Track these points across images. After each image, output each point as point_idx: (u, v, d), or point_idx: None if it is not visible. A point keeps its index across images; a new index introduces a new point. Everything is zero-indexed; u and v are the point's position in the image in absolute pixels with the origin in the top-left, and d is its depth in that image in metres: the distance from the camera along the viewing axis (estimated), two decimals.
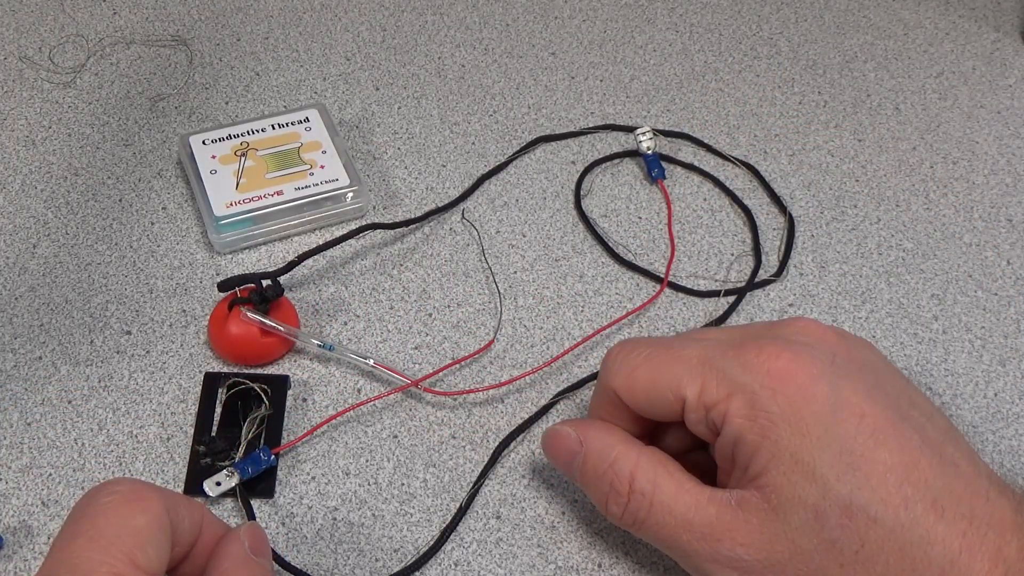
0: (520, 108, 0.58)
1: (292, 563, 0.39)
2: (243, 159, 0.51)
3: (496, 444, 0.43)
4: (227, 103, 0.57)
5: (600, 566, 0.40)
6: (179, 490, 0.41)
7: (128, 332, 0.47)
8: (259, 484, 0.41)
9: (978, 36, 0.65)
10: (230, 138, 0.52)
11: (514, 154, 0.55)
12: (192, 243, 0.50)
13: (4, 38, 0.60)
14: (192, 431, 0.43)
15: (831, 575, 0.33)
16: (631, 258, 0.51)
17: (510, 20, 0.64)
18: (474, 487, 0.42)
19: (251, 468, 0.41)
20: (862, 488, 0.32)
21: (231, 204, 0.49)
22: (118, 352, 0.46)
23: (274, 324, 0.44)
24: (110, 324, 0.47)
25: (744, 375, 0.34)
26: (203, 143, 0.52)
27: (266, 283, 0.45)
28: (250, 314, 0.44)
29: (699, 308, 0.49)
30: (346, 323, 0.48)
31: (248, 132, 0.52)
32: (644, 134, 0.55)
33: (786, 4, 0.66)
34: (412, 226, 0.51)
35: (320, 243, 0.48)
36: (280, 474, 0.42)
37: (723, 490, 0.35)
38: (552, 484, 0.42)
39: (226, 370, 0.45)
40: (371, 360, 0.45)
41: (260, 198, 0.50)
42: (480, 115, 0.58)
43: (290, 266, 0.47)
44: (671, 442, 0.39)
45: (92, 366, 0.45)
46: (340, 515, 0.41)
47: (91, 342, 0.46)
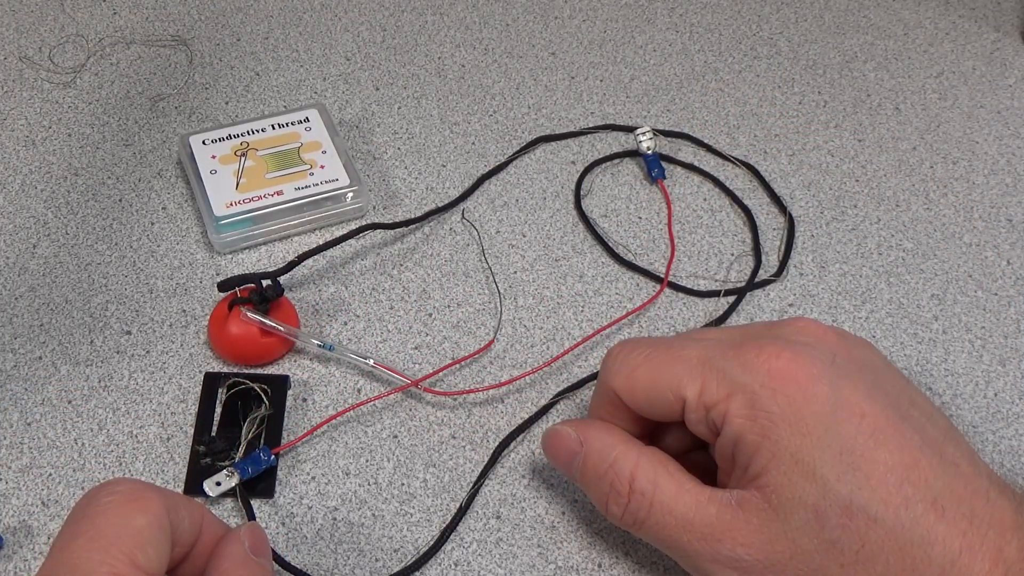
0: (520, 108, 0.58)
1: (292, 563, 0.39)
2: (243, 159, 0.51)
3: (496, 444, 0.43)
4: (227, 103, 0.57)
5: (600, 566, 0.40)
6: (179, 490, 0.41)
7: (128, 332, 0.47)
8: (259, 484, 0.41)
9: (978, 36, 0.65)
10: (230, 138, 0.52)
11: (514, 154, 0.55)
12: (192, 243, 0.50)
13: (4, 38, 0.60)
14: (192, 431, 0.43)
15: (831, 575, 0.33)
16: (631, 258, 0.51)
17: (510, 20, 0.64)
18: (474, 487, 0.42)
19: (251, 468, 0.41)
20: (862, 488, 0.32)
21: (231, 204, 0.49)
22: (118, 352, 0.46)
23: (274, 324, 0.44)
24: (110, 324, 0.47)
25: (744, 375, 0.34)
26: (203, 143, 0.52)
27: (266, 283, 0.45)
28: (250, 314, 0.44)
29: (699, 308, 0.49)
30: (346, 323, 0.48)
31: (248, 132, 0.52)
32: (644, 134, 0.55)
33: (786, 4, 0.66)
34: (412, 226, 0.51)
35: (320, 243, 0.48)
36: (280, 474, 0.42)
37: (723, 490, 0.35)
38: (552, 484, 0.42)
39: (226, 370, 0.45)
40: (371, 360, 0.45)
41: (260, 198, 0.50)
42: (480, 115, 0.58)
43: (290, 266, 0.47)
44: (671, 442, 0.39)
45: (92, 366, 0.45)
46: (340, 515, 0.41)
47: (91, 342, 0.46)
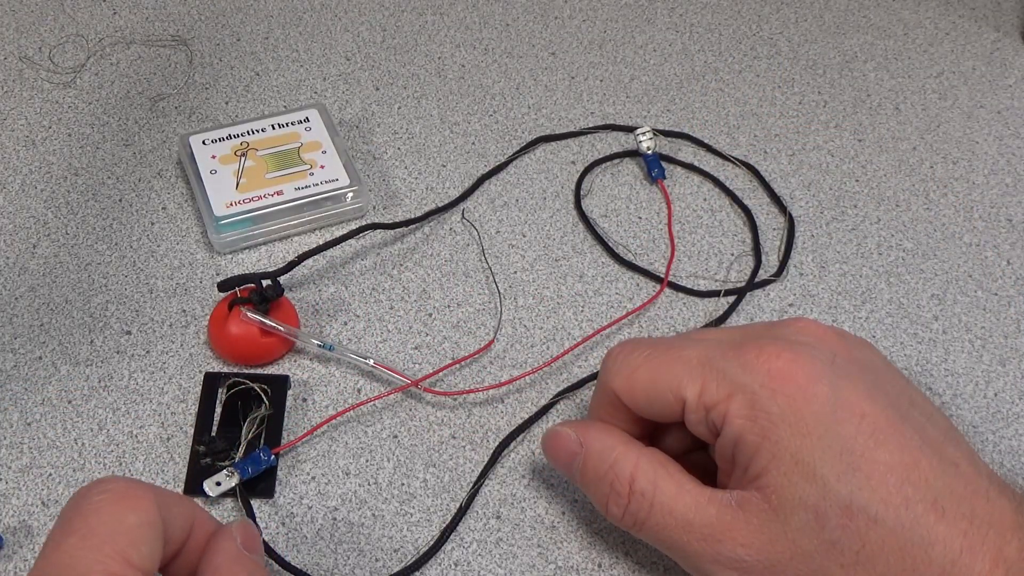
0: (520, 108, 0.58)
1: (292, 563, 0.39)
2: (243, 159, 0.51)
3: (496, 444, 0.43)
4: (227, 103, 0.57)
5: (600, 566, 0.40)
6: (179, 490, 0.41)
7: (128, 332, 0.47)
8: (259, 484, 0.41)
9: (978, 36, 0.65)
10: (230, 138, 0.52)
11: (514, 154, 0.55)
12: (192, 243, 0.50)
13: (4, 38, 0.60)
14: (192, 431, 0.43)
15: (832, 575, 0.33)
16: (631, 258, 0.51)
17: (510, 20, 0.64)
18: (474, 487, 0.42)
19: (251, 468, 0.41)
20: (862, 488, 0.32)
21: (231, 204, 0.49)
22: (118, 352, 0.46)
23: (274, 324, 0.44)
24: (110, 324, 0.47)
25: (744, 375, 0.34)
26: (203, 143, 0.52)
27: (266, 283, 0.45)
28: (250, 314, 0.44)
29: (699, 308, 0.49)
30: (346, 323, 0.48)
31: (248, 132, 0.52)
32: (644, 134, 0.55)
33: (786, 4, 0.66)
34: (412, 226, 0.51)
35: (320, 243, 0.48)
36: (280, 474, 0.42)
37: (723, 491, 0.35)
38: (552, 484, 0.42)
39: (226, 370, 0.45)
40: (371, 360, 0.45)
41: (260, 198, 0.50)
42: (480, 115, 0.58)
43: (290, 266, 0.47)
44: (671, 443, 0.39)
45: (92, 366, 0.45)
46: (340, 515, 0.41)
47: (91, 342, 0.46)
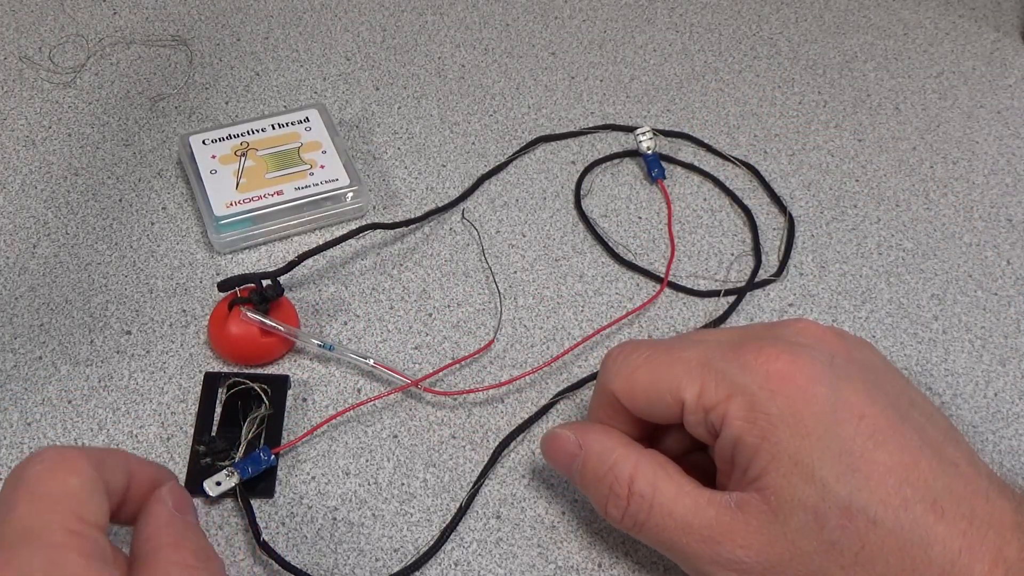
0: (520, 108, 0.58)
1: (292, 563, 0.39)
2: (243, 159, 0.51)
3: (496, 444, 0.43)
4: (227, 103, 0.57)
5: (600, 566, 0.40)
6: None
7: (128, 332, 0.47)
8: (259, 484, 0.41)
9: (978, 36, 0.65)
10: (230, 138, 0.52)
11: (514, 154, 0.55)
12: (192, 243, 0.50)
13: (4, 38, 0.60)
14: (192, 431, 0.43)
15: None
16: (631, 258, 0.51)
17: (510, 20, 0.64)
18: (474, 487, 0.42)
19: (251, 468, 0.41)
20: (861, 489, 0.32)
21: (231, 204, 0.49)
22: (118, 352, 0.46)
23: (274, 324, 0.44)
24: (110, 324, 0.47)
25: (743, 376, 0.34)
26: (203, 143, 0.52)
27: (266, 283, 0.45)
28: (250, 314, 0.44)
29: (699, 308, 0.49)
30: (346, 323, 0.48)
31: (248, 132, 0.52)
32: (644, 134, 0.55)
33: (786, 4, 0.66)
34: (412, 226, 0.51)
35: (320, 243, 0.48)
36: (280, 474, 0.42)
37: (723, 492, 0.35)
38: (552, 484, 0.42)
39: (226, 370, 0.45)
40: (371, 360, 0.45)
41: (260, 198, 0.50)
42: (480, 115, 0.58)
43: (290, 266, 0.47)
44: (670, 444, 0.39)
45: (92, 366, 0.45)
46: (340, 515, 0.41)
47: (91, 342, 0.46)
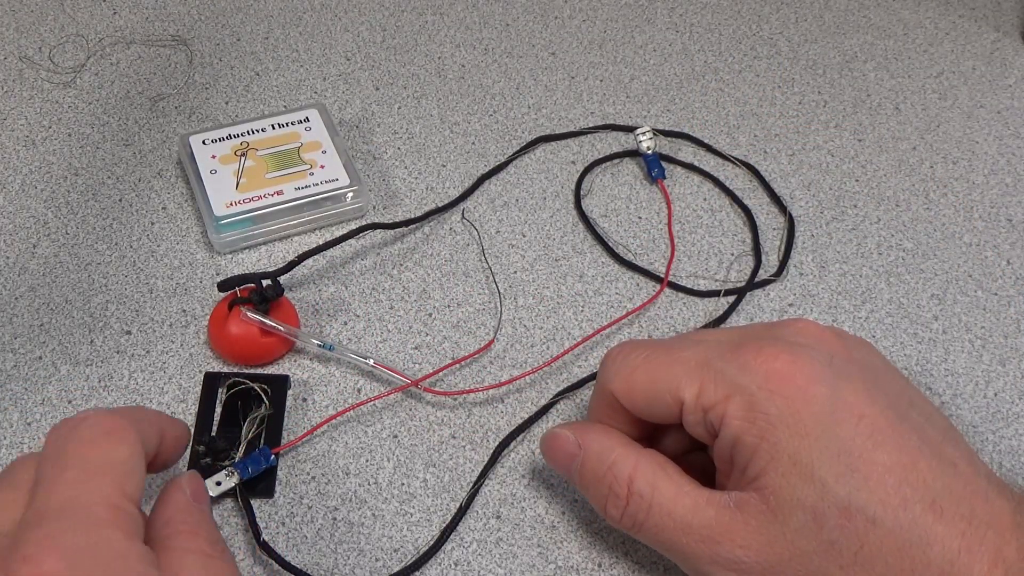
0: (520, 108, 0.58)
1: (292, 563, 0.39)
2: (243, 159, 0.51)
3: (496, 444, 0.43)
4: (227, 103, 0.57)
5: (600, 566, 0.40)
6: None
7: (128, 332, 0.47)
8: (259, 484, 0.41)
9: (978, 36, 0.65)
10: (230, 138, 0.52)
11: (514, 154, 0.55)
12: (192, 243, 0.50)
13: (4, 38, 0.60)
14: (192, 431, 0.43)
15: None
16: (631, 258, 0.51)
17: (510, 20, 0.64)
18: (474, 487, 0.42)
19: (251, 468, 0.41)
20: (860, 489, 0.32)
21: (231, 204, 0.49)
22: (118, 352, 0.46)
23: (274, 324, 0.45)
24: (110, 324, 0.47)
25: (742, 376, 0.34)
26: (203, 143, 0.52)
27: (266, 283, 0.45)
28: (250, 314, 0.44)
29: (699, 308, 0.49)
30: (346, 323, 0.48)
31: (248, 132, 0.52)
32: (644, 134, 0.55)
33: (786, 4, 0.66)
34: (412, 226, 0.51)
35: (320, 243, 0.48)
36: (280, 474, 0.42)
37: (722, 492, 0.35)
38: (552, 484, 0.43)
39: (226, 370, 0.45)
40: (371, 360, 0.45)
41: (260, 198, 0.50)
42: (480, 115, 0.58)
43: (290, 266, 0.47)
44: (670, 444, 0.39)
45: (92, 366, 0.45)
46: (340, 515, 0.41)
47: (91, 342, 0.46)
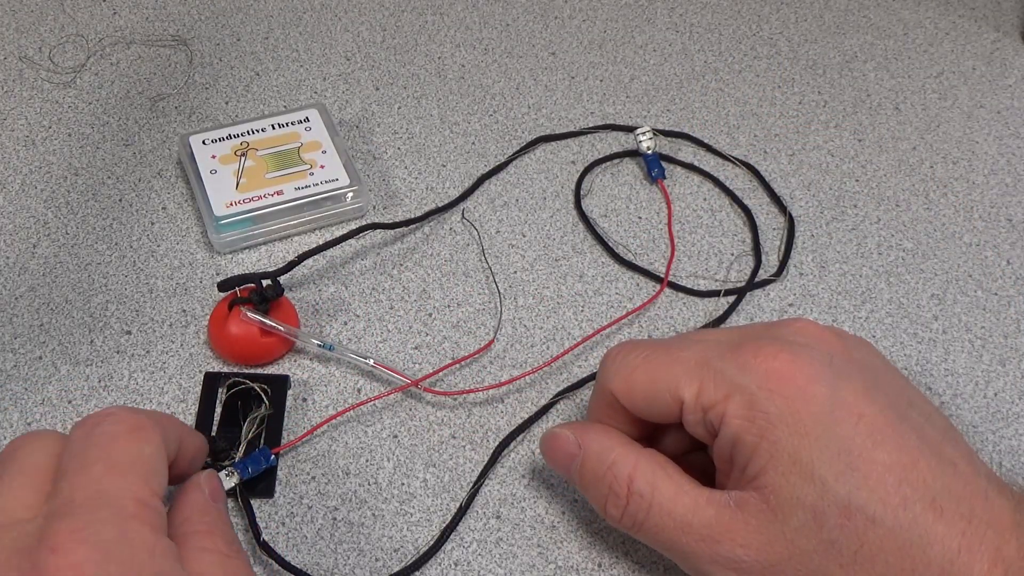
0: (520, 108, 0.58)
1: (292, 563, 0.39)
2: (243, 159, 0.51)
3: (496, 444, 0.43)
4: (227, 103, 0.57)
5: (600, 566, 0.40)
6: None
7: (128, 332, 0.47)
8: (259, 484, 0.41)
9: (978, 36, 0.65)
10: (230, 138, 0.52)
11: (514, 154, 0.55)
12: (192, 243, 0.50)
13: (4, 38, 0.60)
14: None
15: (831, 575, 0.33)
16: (631, 258, 0.51)
17: (510, 20, 0.64)
18: (474, 487, 0.42)
19: (251, 468, 0.41)
20: (860, 488, 0.32)
21: (231, 204, 0.49)
22: (118, 352, 0.46)
23: (274, 324, 0.45)
24: (110, 324, 0.47)
25: (742, 376, 0.34)
26: (203, 143, 0.52)
27: (266, 283, 0.45)
28: (250, 314, 0.44)
29: (699, 308, 0.49)
30: (346, 323, 0.48)
31: (248, 132, 0.52)
32: (644, 134, 0.55)
33: (786, 4, 0.66)
34: (412, 226, 0.51)
35: (320, 243, 0.48)
36: (280, 474, 0.42)
37: (722, 491, 0.35)
38: (552, 484, 0.42)
39: (226, 370, 0.45)
40: (371, 360, 0.45)
41: (260, 198, 0.50)
42: (480, 115, 0.58)
43: (290, 266, 0.47)
44: (670, 444, 0.39)
45: (92, 366, 0.45)
46: (340, 515, 0.41)
47: (91, 342, 0.46)
